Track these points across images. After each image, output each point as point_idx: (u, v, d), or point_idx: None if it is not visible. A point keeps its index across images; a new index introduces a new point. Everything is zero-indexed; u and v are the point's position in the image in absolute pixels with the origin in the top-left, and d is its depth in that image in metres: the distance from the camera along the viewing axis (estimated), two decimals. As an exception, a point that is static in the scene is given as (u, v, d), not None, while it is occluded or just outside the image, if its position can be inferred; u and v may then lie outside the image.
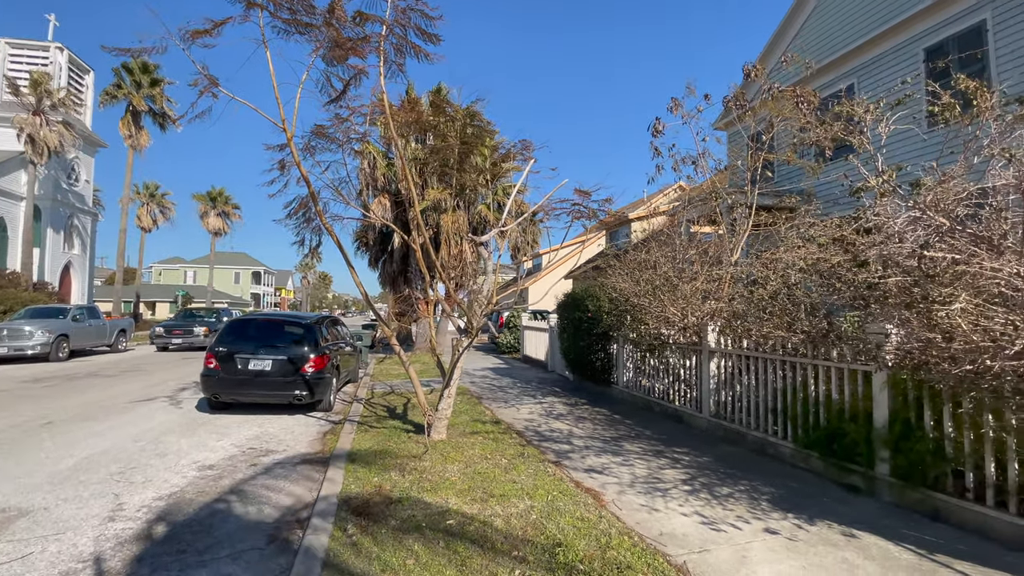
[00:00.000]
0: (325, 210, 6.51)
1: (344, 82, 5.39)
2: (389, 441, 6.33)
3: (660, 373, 8.42)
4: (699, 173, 8.57)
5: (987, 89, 3.23)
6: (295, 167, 5.64)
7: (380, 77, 5.00)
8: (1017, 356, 2.98)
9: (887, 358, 4.29)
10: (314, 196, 5.67)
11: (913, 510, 4.15)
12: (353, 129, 6.46)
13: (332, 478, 5.06)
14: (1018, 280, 3.05)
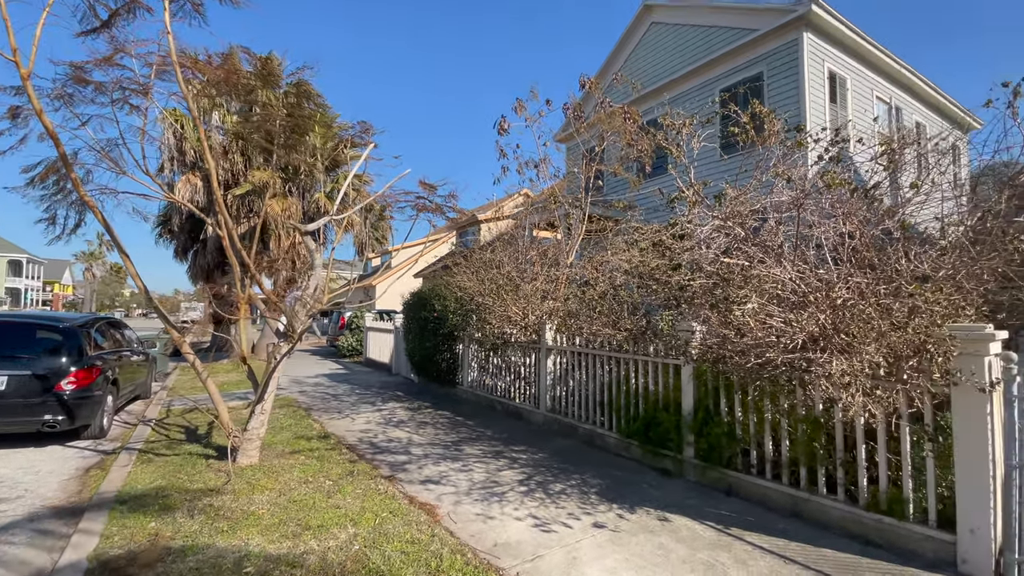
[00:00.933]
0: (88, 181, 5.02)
1: (111, 11, 4.15)
2: (180, 472, 5.15)
3: (503, 372, 8.47)
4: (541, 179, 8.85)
5: (775, 117, 3.78)
6: (35, 117, 4.20)
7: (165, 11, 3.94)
8: (793, 350, 3.46)
9: (693, 352, 4.78)
10: (66, 160, 4.27)
11: (713, 487, 4.67)
12: (135, 80, 5.10)
13: (88, 530, 3.87)
14: (794, 284, 3.56)
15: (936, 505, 3.28)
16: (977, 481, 3.03)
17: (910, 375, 3.27)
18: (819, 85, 10.38)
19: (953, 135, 5.22)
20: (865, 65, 11.47)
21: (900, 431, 3.43)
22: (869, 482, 3.67)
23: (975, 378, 3.00)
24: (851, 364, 3.14)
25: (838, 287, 3.36)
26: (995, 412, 3.01)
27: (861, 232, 3.95)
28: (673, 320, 4.93)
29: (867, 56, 11.32)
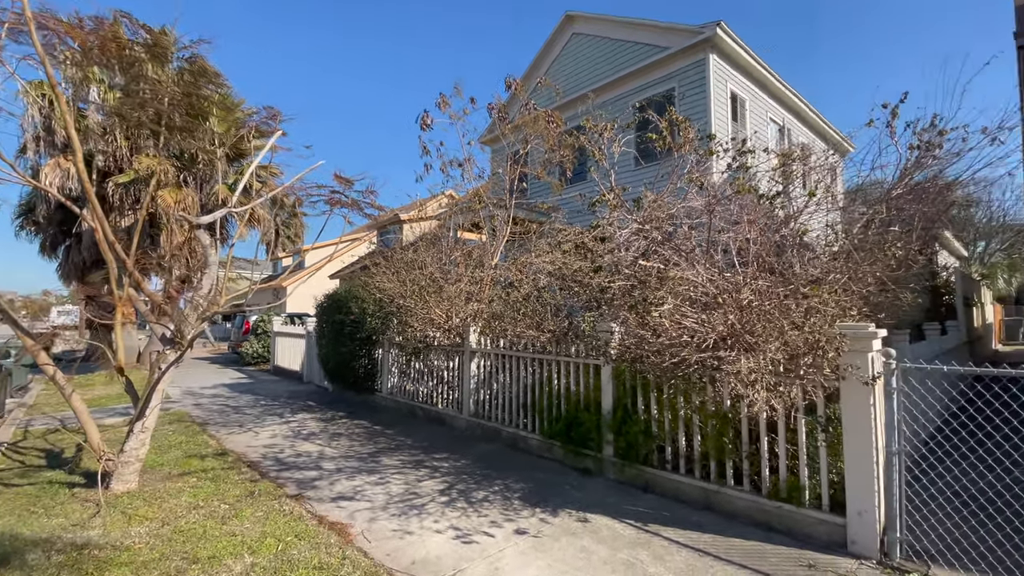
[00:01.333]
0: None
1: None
2: (36, 505, 4.35)
3: (425, 376, 8.19)
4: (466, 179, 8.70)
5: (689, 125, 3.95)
6: None
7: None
8: (705, 349, 3.60)
9: (612, 353, 4.87)
10: None
11: (631, 484, 4.78)
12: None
13: None
14: (705, 287, 3.71)
15: (828, 491, 3.56)
16: (863, 467, 3.33)
17: (806, 371, 3.53)
18: (723, 104, 11.22)
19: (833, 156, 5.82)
20: (761, 88, 12.59)
21: (797, 423, 3.69)
22: (771, 472, 3.92)
23: (860, 372, 3.29)
24: (756, 362, 3.31)
25: (744, 289, 3.56)
26: (877, 403, 3.33)
27: (763, 238, 4.24)
28: (594, 321, 5.00)
29: (763, 80, 12.44)
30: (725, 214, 4.40)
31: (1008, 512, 3.70)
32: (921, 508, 3.57)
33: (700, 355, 3.67)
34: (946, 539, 3.20)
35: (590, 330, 4.89)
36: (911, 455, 4.50)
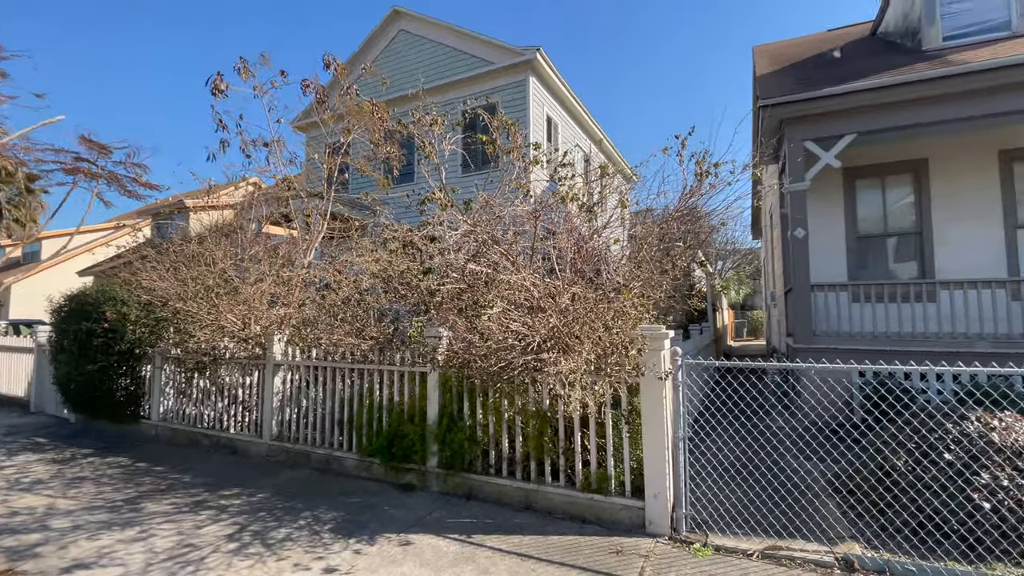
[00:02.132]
0: None
1: None
2: None
3: (213, 396, 6.82)
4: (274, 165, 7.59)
5: (517, 130, 4.01)
6: None
7: None
8: (530, 351, 3.65)
9: (440, 359, 4.68)
10: None
11: (455, 495, 4.62)
12: None
13: None
14: (530, 291, 3.77)
15: (631, 478, 3.92)
16: (657, 453, 3.74)
17: (613, 369, 3.84)
18: (540, 124, 12.11)
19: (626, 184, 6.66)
20: (572, 117, 14.00)
21: (605, 417, 4.00)
22: (584, 465, 4.17)
23: (655, 369, 3.70)
24: (574, 362, 3.47)
25: (565, 294, 3.72)
26: (668, 396, 3.78)
27: (579, 247, 4.55)
28: (422, 326, 4.74)
29: (573, 109, 13.84)
30: (547, 223, 4.60)
31: (758, 476, 4.59)
32: (701, 485, 4.19)
33: (525, 357, 3.71)
34: (718, 508, 3.79)
35: (416, 335, 4.62)
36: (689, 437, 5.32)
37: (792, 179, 7.14)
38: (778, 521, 3.65)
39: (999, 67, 6.07)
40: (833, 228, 8.34)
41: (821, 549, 3.32)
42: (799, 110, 7.03)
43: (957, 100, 6.40)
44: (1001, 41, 6.80)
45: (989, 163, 7.57)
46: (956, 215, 7.67)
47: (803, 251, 7.08)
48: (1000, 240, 7.44)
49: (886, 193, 8.22)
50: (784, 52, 10.30)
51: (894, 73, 6.72)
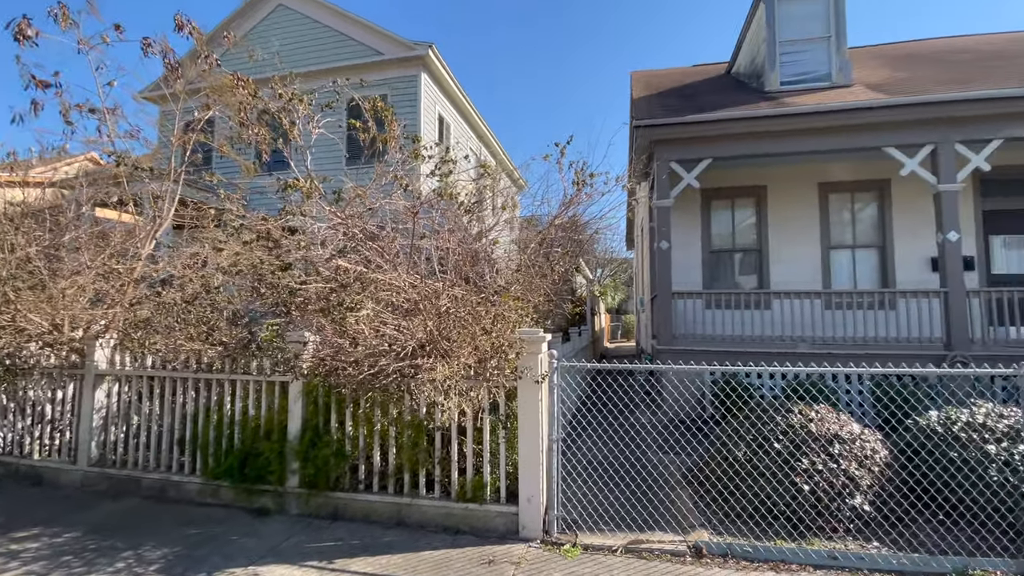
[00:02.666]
0: None
1: None
2: None
3: (11, 415, 5.50)
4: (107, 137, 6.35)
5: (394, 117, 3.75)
6: None
7: None
8: (404, 357, 3.42)
9: (304, 367, 4.23)
10: None
11: (318, 516, 4.20)
12: None
13: None
14: (407, 292, 3.55)
15: (506, 483, 3.87)
16: (532, 456, 3.74)
17: (491, 373, 3.77)
18: (432, 123, 11.85)
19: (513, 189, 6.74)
20: (464, 119, 13.94)
21: (483, 423, 3.92)
22: (460, 474, 4.04)
23: (532, 372, 3.71)
24: (451, 368, 3.33)
25: (443, 296, 3.57)
26: (544, 399, 3.81)
27: (461, 248, 4.42)
28: (279, 329, 4.25)
29: (466, 112, 13.79)
30: (429, 221, 4.41)
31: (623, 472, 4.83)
32: (571, 485, 4.28)
33: (399, 363, 3.47)
34: (588, 508, 3.89)
35: (272, 340, 4.13)
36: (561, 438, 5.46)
37: (659, 196, 7.78)
38: (640, 515, 3.86)
39: (821, 111, 7.21)
40: (692, 242, 9.28)
41: (676, 539, 3.56)
42: (666, 133, 7.69)
43: (789, 137, 7.48)
44: (825, 90, 8.11)
45: (811, 193, 8.99)
46: (786, 236, 8.97)
47: (666, 261, 7.74)
48: (818, 258, 8.85)
49: (735, 214, 9.36)
50: (656, 80, 11.28)
51: (742, 109, 7.66)
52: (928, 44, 10.83)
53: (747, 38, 9.62)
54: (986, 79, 7.45)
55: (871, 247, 8.78)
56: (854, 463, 3.75)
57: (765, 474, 3.81)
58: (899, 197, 8.54)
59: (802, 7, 8.46)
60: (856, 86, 8.02)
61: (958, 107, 6.81)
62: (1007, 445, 3.58)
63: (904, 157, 7.07)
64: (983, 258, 8.31)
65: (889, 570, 3.15)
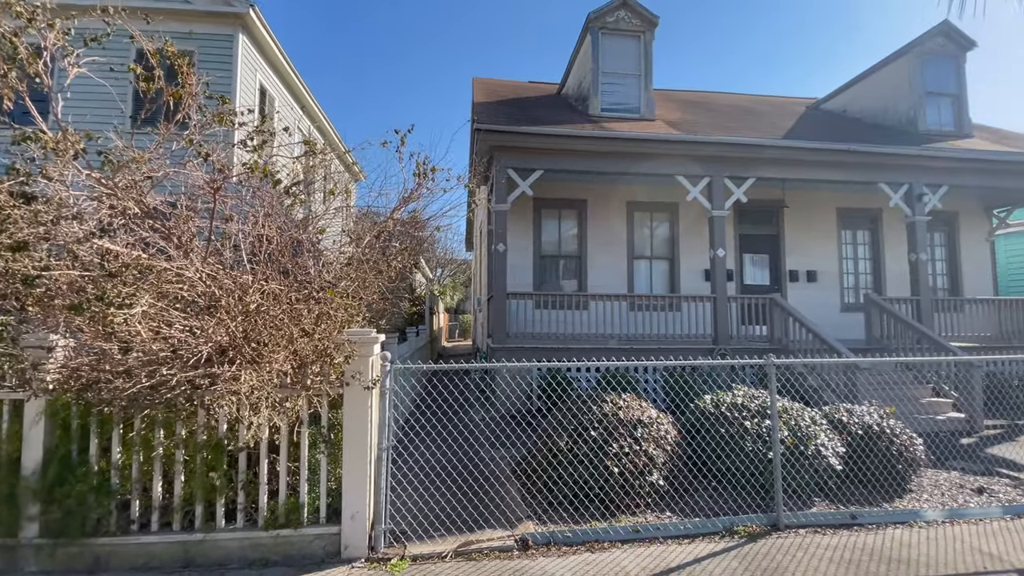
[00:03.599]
0: None
1: None
2: None
3: None
4: None
5: (192, 69, 3.02)
6: None
7: None
8: (196, 365, 2.81)
9: (50, 379, 3.21)
10: None
11: (72, 571, 3.23)
12: None
13: None
14: (202, 284, 2.93)
15: (327, 501, 3.48)
16: (358, 469, 3.43)
17: (313, 380, 3.36)
18: (250, 93, 10.36)
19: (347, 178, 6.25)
20: (292, 95, 12.53)
21: (301, 437, 3.46)
22: (271, 498, 3.51)
23: (362, 377, 3.40)
24: (260, 376, 2.85)
25: (254, 291, 3.04)
26: (374, 405, 3.53)
27: (281, 237, 3.87)
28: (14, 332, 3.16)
29: (294, 87, 12.41)
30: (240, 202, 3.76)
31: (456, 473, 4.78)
32: (401, 494, 4.07)
33: (190, 373, 2.85)
34: (418, 516, 3.73)
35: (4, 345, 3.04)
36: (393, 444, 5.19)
37: (497, 200, 8.03)
38: (471, 516, 3.84)
39: (634, 138, 8.26)
40: (525, 246, 9.82)
41: (505, 535, 3.62)
42: (506, 140, 7.97)
43: (608, 157, 8.40)
44: (635, 121, 9.31)
45: (621, 210, 10.26)
46: (601, 246, 10.09)
47: (503, 263, 8.02)
48: (624, 266, 10.14)
49: (561, 223, 10.18)
50: (496, 88, 11.68)
51: (571, 127, 8.36)
52: (705, 95, 13.33)
53: (575, 64, 10.56)
54: (745, 129, 9.42)
55: (664, 259, 10.38)
56: (653, 444, 4.31)
57: (584, 461, 4.13)
58: (684, 218, 10.28)
59: (620, 44, 9.60)
60: (658, 121, 9.40)
61: (728, 148, 8.46)
62: (758, 421, 4.50)
63: (690, 185, 8.51)
64: (739, 271, 10.49)
65: (679, 535, 3.67)
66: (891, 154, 8.75)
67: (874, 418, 4.77)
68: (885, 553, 3.46)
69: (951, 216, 11.16)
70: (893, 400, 6.33)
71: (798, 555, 3.42)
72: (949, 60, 10.25)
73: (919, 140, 9.51)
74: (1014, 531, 3.84)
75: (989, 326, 9.27)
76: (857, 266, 10.96)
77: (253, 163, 3.18)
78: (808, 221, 10.75)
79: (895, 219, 10.56)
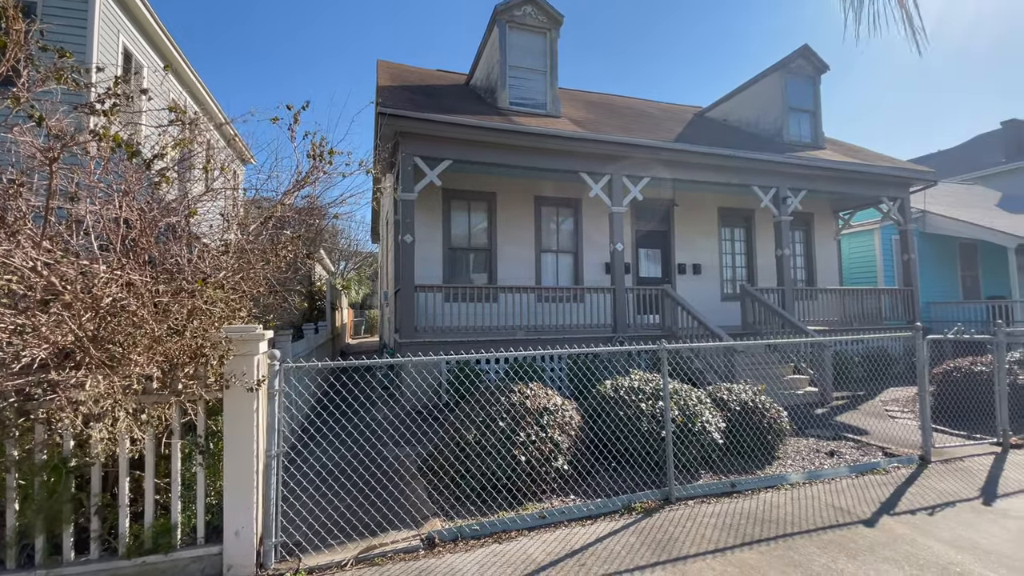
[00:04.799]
0: None
1: None
2: None
3: None
4: None
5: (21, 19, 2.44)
6: None
7: None
8: (26, 371, 2.32)
9: None
10: None
11: None
12: None
13: None
14: (35, 274, 2.43)
15: (205, 518, 3.10)
16: (243, 480, 3.09)
17: (186, 384, 2.96)
18: (112, 55, 8.95)
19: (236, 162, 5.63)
20: (166, 63, 11.05)
21: (172, 449, 3.04)
22: (135, 520, 3.05)
23: (245, 378, 3.06)
24: (111, 383, 2.44)
25: (103, 283, 2.59)
26: (261, 408, 3.19)
27: (145, 220, 3.35)
28: None
29: (170, 56, 10.96)
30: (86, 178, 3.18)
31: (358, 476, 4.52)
32: (295, 502, 3.75)
33: (19, 381, 2.35)
34: (314, 524, 3.45)
35: None
36: (291, 446, 4.79)
37: (404, 189, 7.74)
38: (373, 520, 3.66)
39: (541, 134, 8.39)
40: (434, 238, 9.61)
41: (410, 535, 3.49)
42: (412, 127, 7.70)
43: (515, 151, 8.46)
44: (542, 116, 9.47)
45: (529, 204, 10.43)
46: (510, 239, 10.18)
47: (410, 255, 7.76)
48: (532, 259, 10.34)
49: (471, 215, 10.11)
50: (402, 74, 11.25)
51: (479, 118, 8.29)
52: (608, 97, 13.98)
53: (484, 56, 10.49)
54: (643, 131, 10.01)
55: (569, 252, 10.75)
56: (558, 430, 4.41)
57: (491, 452, 4.11)
58: (588, 214, 10.72)
59: (527, 39, 9.70)
60: (563, 119, 9.66)
61: (627, 149, 8.93)
62: (652, 403, 4.80)
63: (592, 182, 8.87)
64: (635, 264, 11.18)
65: (582, 517, 3.80)
66: (762, 160, 9.81)
67: (749, 395, 5.32)
68: (759, 515, 3.86)
69: (808, 217, 12.83)
70: (763, 378, 7.13)
71: (687, 525, 3.70)
72: (807, 80, 11.72)
73: (784, 149, 10.78)
74: (859, 487, 4.49)
75: (836, 311, 10.81)
76: (735, 260, 12.21)
77: (103, 130, 2.68)
78: (695, 219, 11.75)
79: (765, 219, 11.91)
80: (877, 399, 8.20)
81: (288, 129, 3.59)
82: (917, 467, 4.99)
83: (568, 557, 3.22)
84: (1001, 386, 5.70)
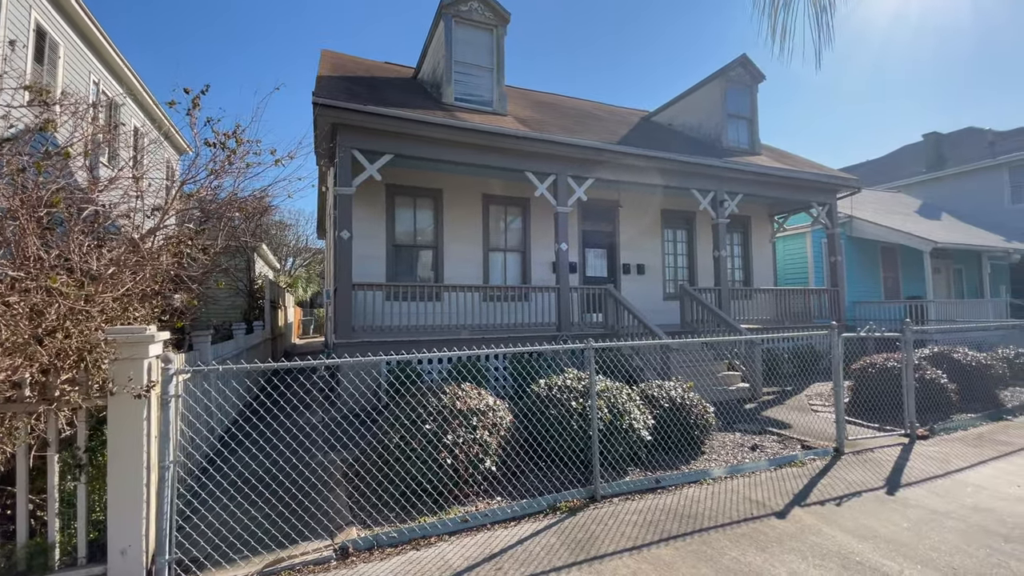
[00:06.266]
0: None
1: None
2: None
3: None
4: None
5: None
6: None
7: None
8: None
9: None
10: None
11: None
12: None
13: None
14: None
15: (88, 536, 2.85)
16: (131, 493, 2.85)
17: (63, 391, 2.70)
18: (24, 33, 8.17)
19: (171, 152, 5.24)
20: (87, 45, 10.21)
21: (48, 462, 2.77)
22: (7, 540, 2.76)
23: (132, 384, 2.82)
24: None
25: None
26: (152, 416, 2.96)
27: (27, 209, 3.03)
28: None
29: (90, 36, 10.13)
30: None
31: (277, 484, 4.30)
32: (207, 514, 3.51)
33: None
34: (221, 538, 3.24)
35: None
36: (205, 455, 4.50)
37: (341, 183, 7.47)
38: (288, 531, 3.48)
39: (486, 131, 8.30)
40: (377, 234, 9.35)
41: (323, 545, 3.34)
42: (349, 119, 7.44)
43: (460, 148, 8.34)
44: (488, 114, 9.38)
45: (477, 202, 10.34)
46: (457, 237, 10.06)
47: (347, 252, 7.51)
48: (480, 258, 10.26)
49: (416, 212, 9.91)
50: (347, 64, 10.89)
51: (422, 113, 8.11)
52: (554, 97, 14.08)
53: (430, 50, 10.30)
54: (588, 132, 10.12)
55: (517, 251, 10.74)
56: (486, 431, 4.36)
57: (414, 456, 4.01)
58: (536, 213, 10.75)
59: (474, 35, 9.59)
60: (509, 117, 9.61)
61: (572, 150, 8.99)
62: (583, 401, 4.83)
63: (538, 182, 8.88)
64: (582, 264, 11.31)
65: (506, 519, 3.76)
66: (702, 164, 10.13)
67: (678, 392, 5.45)
68: (680, 511, 3.95)
69: (746, 220, 13.40)
70: (697, 375, 7.35)
71: (610, 523, 3.73)
72: (745, 89, 12.21)
73: (723, 154, 11.18)
74: (777, 480, 4.68)
75: (770, 311, 11.33)
76: (676, 260, 12.58)
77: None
78: (639, 220, 12.01)
79: (706, 221, 12.33)
80: (803, 394, 8.64)
81: (187, 114, 3.34)
82: (831, 459, 5.27)
83: (485, 562, 3.17)
84: (908, 380, 6.11)
